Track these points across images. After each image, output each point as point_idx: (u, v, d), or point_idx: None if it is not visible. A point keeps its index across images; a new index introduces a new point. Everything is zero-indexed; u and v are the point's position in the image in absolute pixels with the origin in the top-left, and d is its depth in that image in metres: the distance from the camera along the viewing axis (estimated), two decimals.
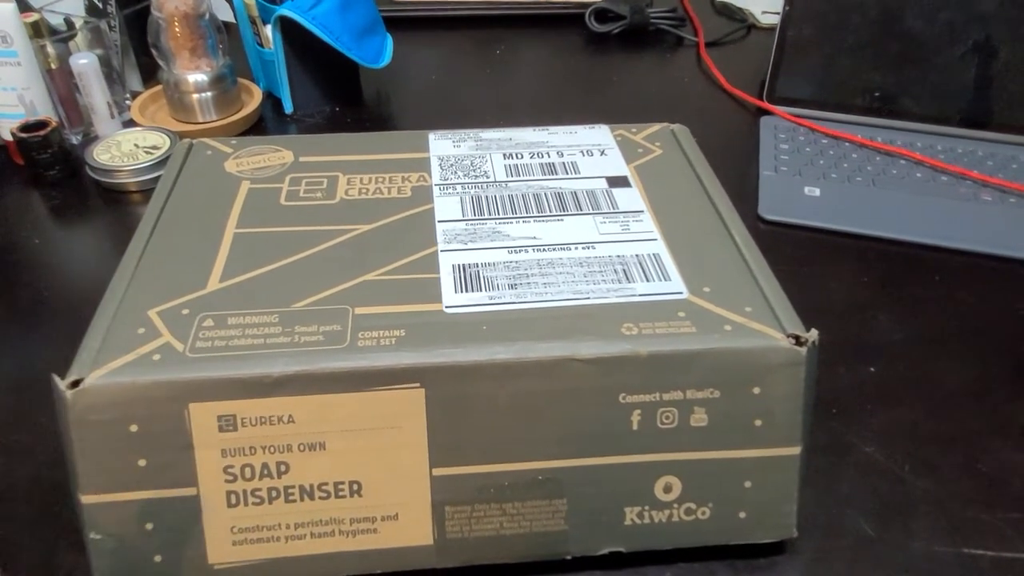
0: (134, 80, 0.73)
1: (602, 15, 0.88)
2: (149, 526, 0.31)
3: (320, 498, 0.31)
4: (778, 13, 0.69)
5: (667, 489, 0.32)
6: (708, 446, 0.32)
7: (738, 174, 0.63)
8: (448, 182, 0.42)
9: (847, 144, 0.66)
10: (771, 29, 0.73)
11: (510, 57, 0.83)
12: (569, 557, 0.33)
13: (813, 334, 0.32)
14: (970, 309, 0.50)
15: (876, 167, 0.63)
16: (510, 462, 0.32)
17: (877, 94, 0.68)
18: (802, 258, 0.54)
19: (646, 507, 0.33)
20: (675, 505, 0.33)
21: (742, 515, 0.33)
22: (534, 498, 0.32)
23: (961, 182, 0.61)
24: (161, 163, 0.59)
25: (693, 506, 0.33)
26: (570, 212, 0.39)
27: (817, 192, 0.60)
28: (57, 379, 0.29)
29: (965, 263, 0.54)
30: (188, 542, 0.31)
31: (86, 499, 0.30)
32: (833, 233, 0.56)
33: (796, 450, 0.32)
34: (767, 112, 0.70)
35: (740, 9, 0.93)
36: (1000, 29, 0.63)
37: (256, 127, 0.69)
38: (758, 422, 0.32)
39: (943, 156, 0.64)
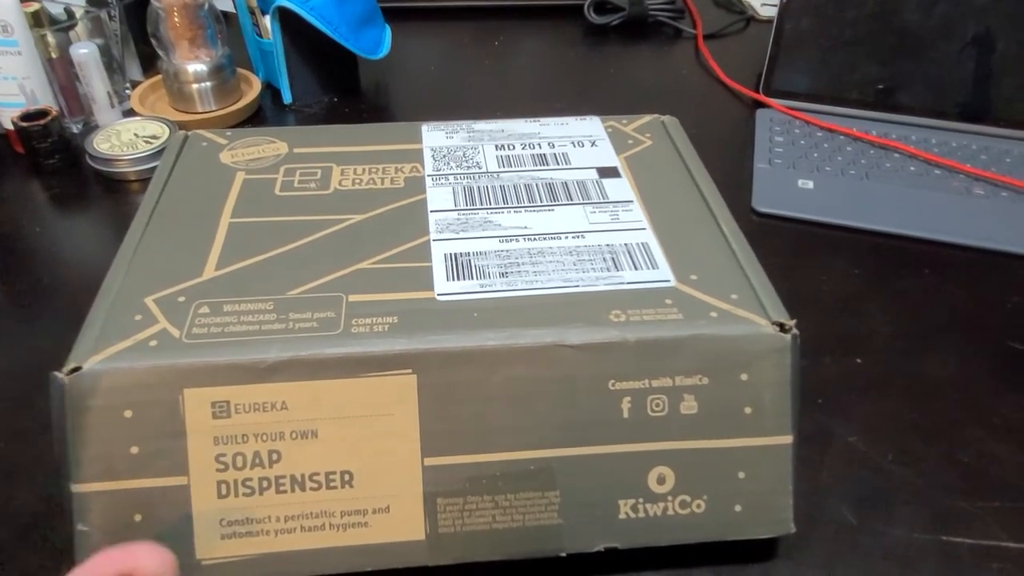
0: (134, 70, 0.73)
1: (601, 7, 0.88)
2: (138, 517, 0.30)
3: (311, 489, 0.31)
4: (777, 5, 0.69)
5: (661, 480, 0.32)
6: (699, 434, 0.32)
7: (733, 166, 0.63)
8: (440, 173, 0.42)
9: (841, 137, 0.66)
10: (770, 22, 0.73)
11: (509, 49, 0.84)
12: (564, 554, 0.32)
13: (793, 323, 0.32)
14: (959, 302, 0.50)
15: (870, 160, 0.63)
16: (502, 451, 0.32)
17: (873, 88, 0.68)
18: (794, 250, 0.54)
19: (640, 500, 0.32)
20: (669, 498, 0.32)
21: (737, 508, 0.33)
22: (526, 489, 0.32)
23: (954, 176, 0.61)
24: (160, 153, 0.60)
25: (688, 498, 0.33)
26: (561, 202, 0.40)
27: (811, 185, 0.60)
28: (54, 374, 0.29)
29: (956, 257, 0.54)
30: (176, 536, 0.30)
31: (78, 488, 0.30)
32: (826, 226, 0.57)
33: (788, 439, 0.33)
34: (763, 105, 0.71)
35: (739, 1, 0.93)
36: (996, 24, 0.64)
37: (255, 117, 0.70)
38: (748, 410, 0.32)
39: (937, 150, 0.64)
